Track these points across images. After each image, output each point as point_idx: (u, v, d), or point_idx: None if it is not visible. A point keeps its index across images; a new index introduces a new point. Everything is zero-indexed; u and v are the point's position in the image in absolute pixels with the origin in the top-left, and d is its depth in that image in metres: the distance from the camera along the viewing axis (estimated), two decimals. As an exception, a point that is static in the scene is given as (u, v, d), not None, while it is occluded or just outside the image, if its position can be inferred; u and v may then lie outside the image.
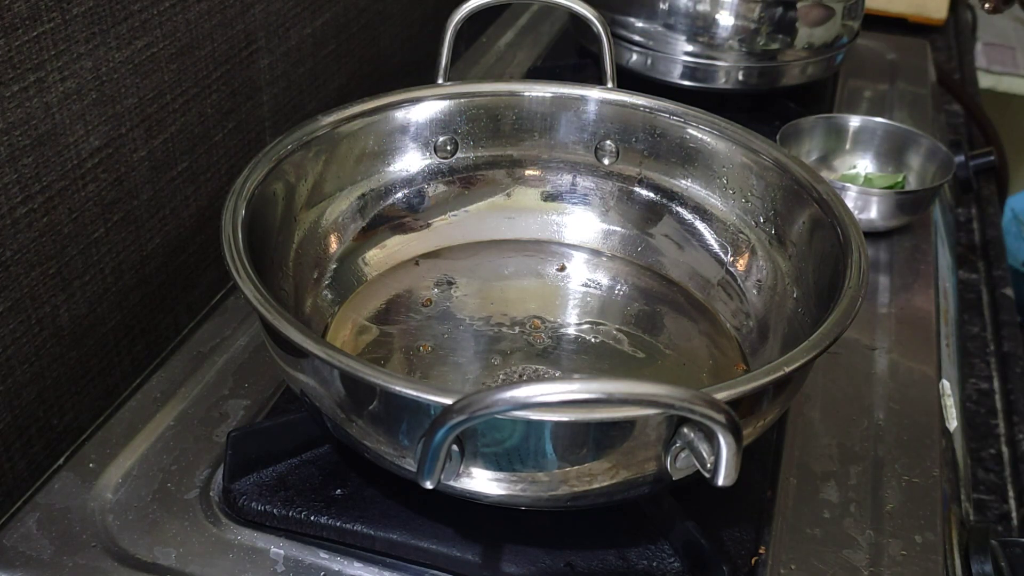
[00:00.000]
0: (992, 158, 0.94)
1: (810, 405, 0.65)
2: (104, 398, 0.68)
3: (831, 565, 0.54)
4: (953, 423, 0.67)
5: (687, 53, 0.94)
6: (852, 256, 0.54)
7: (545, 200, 0.73)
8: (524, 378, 0.60)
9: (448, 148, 0.70)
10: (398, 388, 0.43)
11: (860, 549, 0.55)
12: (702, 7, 0.92)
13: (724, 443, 0.39)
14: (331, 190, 0.65)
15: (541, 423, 0.44)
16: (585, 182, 0.72)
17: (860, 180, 0.88)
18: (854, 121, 0.89)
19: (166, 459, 0.58)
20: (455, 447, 0.44)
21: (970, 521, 0.62)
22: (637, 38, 0.96)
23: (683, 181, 0.69)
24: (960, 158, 0.92)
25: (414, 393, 0.43)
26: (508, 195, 0.72)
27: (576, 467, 0.46)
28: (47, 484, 0.56)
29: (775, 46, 0.93)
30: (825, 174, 0.85)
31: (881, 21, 1.31)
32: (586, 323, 0.65)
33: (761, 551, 0.54)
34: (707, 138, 0.67)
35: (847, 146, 0.90)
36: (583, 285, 0.69)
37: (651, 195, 0.70)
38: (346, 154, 0.66)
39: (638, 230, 0.71)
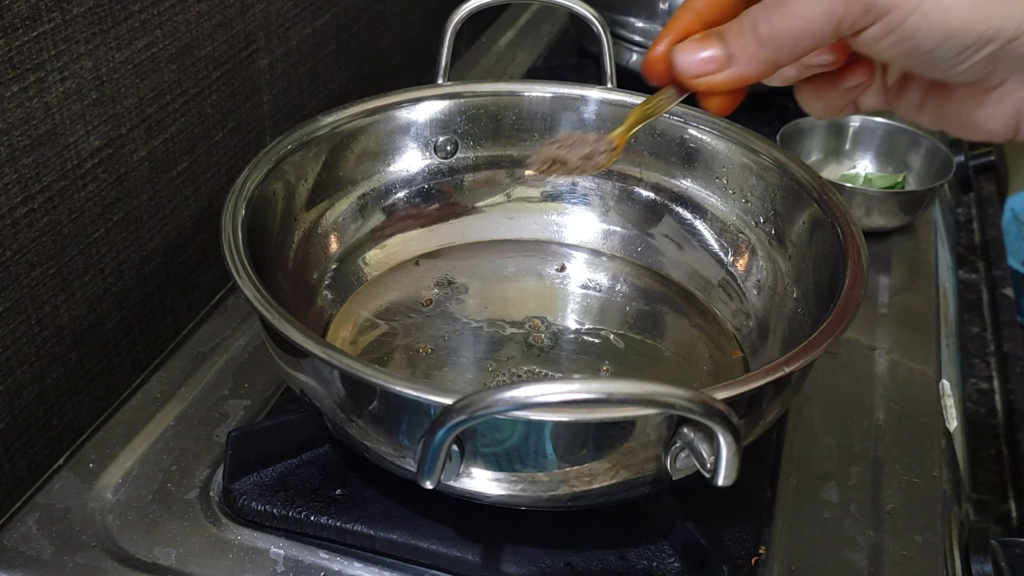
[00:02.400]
0: (992, 158, 0.94)
1: (810, 405, 0.65)
2: (104, 398, 0.68)
3: (831, 565, 0.54)
4: (953, 423, 0.67)
5: (687, 53, 0.94)
6: (852, 256, 0.54)
7: (545, 200, 0.72)
8: (524, 378, 0.60)
9: (448, 148, 0.70)
10: (398, 388, 0.43)
11: (860, 549, 0.55)
12: (702, 7, 0.92)
13: (724, 443, 0.39)
14: (331, 190, 0.65)
15: (541, 423, 0.44)
16: (585, 182, 0.72)
17: (860, 180, 0.88)
18: (854, 121, 0.89)
19: (166, 459, 0.58)
20: (455, 447, 0.44)
21: (970, 521, 0.62)
22: (637, 38, 0.96)
23: (683, 181, 0.69)
24: (960, 158, 0.92)
25: (414, 393, 0.43)
26: (508, 195, 0.72)
27: (576, 467, 0.46)
28: (47, 484, 0.56)
29: (775, 46, 0.93)
30: (825, 174, 0.85)
31: (881, 21, 1.31)
32: (586, 323, 0.65)
33: (761, 551, 0.54)
34: (707, 138, 0.67)
35: (847, 146, 0.90)
36: (583, 285, 0.69)
37: (651, 195, 0.70)
38: (346, 154, 0.66)
39: (638, 230, 0.71)
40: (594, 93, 0.70)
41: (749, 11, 0.40)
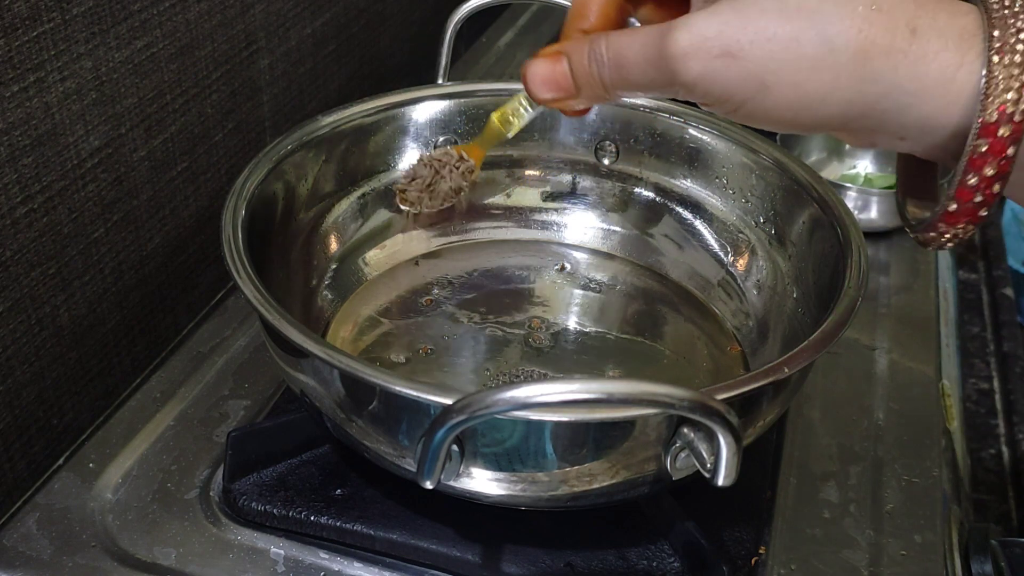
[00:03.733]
0: (992, 158, 0.94)
1: (810, 405, 0.65)
2: (104, 398, 0.68)
3: (831, 565, 0.54)
4: (953, 423, 0.67)
5: (687, 53, 0.94)
6: (852, 256, 0.54)
7: (545, 200, 0.72)
8: (524, 378, 0.60)
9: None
10: (398, 388, 0.43)
11: (860, 549, 0.55)
12: (702, 7, 0.92)
13: (724, 443, 0.39)
14: (331, 190, 0.65)
15: (541, 423, 0.44)
16: (585, 182, 0.72)
17: (860, 180, 0.88)
18: (854, 121, 0.89)
19: (166, 459, 0.58)
20: (455, 447, 0.44)
21: (970, 521, 0.62)
22: (637, 38, 0.96)
23: (683, 181, 0.69)
24: (960, 158, 0.92)
25: (414, 393, 0.43)
26: (508, 195, 0.72)
27: (576, 467, 0.46)
28: (47, 484, 0.56)
29: (775, 46, 0.93)
30: (825, 174, 0.85)
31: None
32: (586, 323, 0.65)
33: (761, 551, 0.54)
34: (707, 138, 0.67)
35: (847, 146, 0.90)
36: (583, 285, 0.69)
37: (651, 195, 0.70)
38: (346, 154, 0.66)
39: (638, 230, 0.71)
40: (594, 93, 0.70)
41: (593, 46, 0.40)
